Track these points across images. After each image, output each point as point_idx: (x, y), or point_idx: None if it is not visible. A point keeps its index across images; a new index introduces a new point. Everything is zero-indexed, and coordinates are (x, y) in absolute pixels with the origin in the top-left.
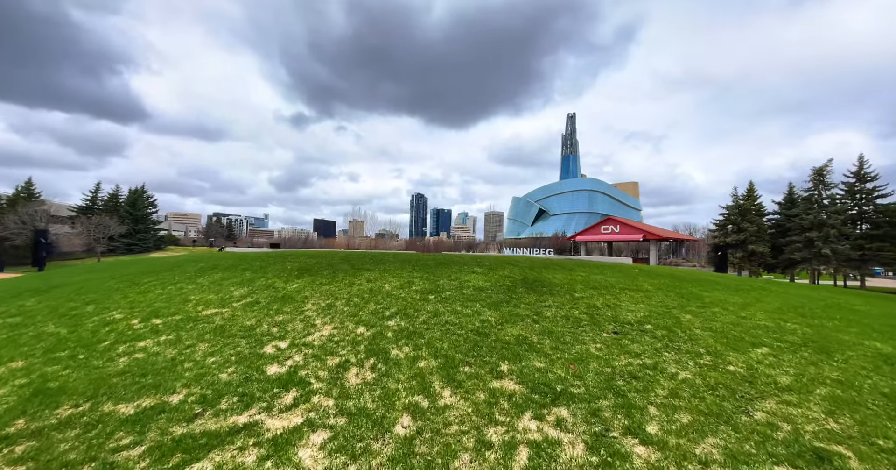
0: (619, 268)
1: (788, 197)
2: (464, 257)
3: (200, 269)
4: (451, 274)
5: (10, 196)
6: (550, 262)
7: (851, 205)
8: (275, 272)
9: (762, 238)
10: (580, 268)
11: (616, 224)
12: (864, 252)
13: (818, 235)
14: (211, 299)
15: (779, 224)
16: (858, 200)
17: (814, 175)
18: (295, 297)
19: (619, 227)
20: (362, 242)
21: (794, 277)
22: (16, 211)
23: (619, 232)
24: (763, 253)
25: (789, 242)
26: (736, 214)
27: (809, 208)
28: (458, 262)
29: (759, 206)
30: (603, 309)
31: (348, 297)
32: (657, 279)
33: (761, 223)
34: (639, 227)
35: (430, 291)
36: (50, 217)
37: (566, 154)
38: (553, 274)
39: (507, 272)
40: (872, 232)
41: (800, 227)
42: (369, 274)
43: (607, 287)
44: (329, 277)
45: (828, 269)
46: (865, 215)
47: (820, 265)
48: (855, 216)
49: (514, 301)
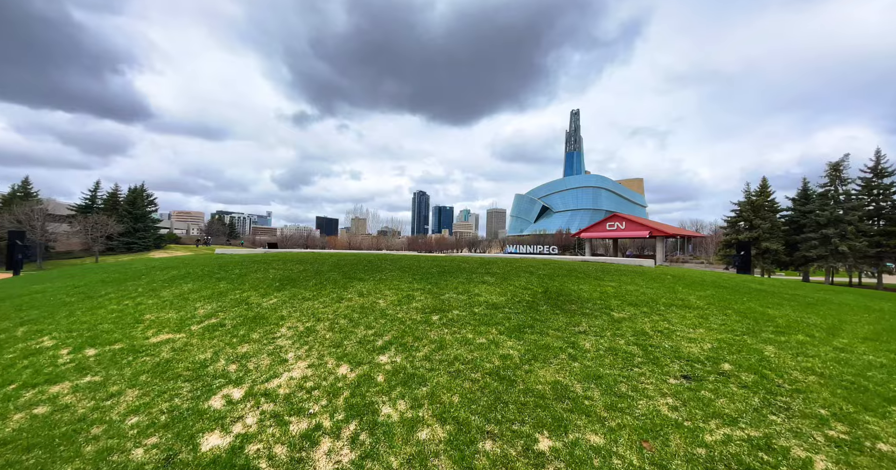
0: (649, 274)
1: (803, 193)
2: (469, 261)
3: (171, 278)
4: (457, 285)
5: (5, 195)
6: (571, 267)
7: (868, 200)
8: (253, 283)
9: (776, 235)
10: (607, 276)
11: (622, 221)
12: (881, 249)
13: (835, 232)
14: (168, 320)
15: (793, 221)
16: (876, 196)
17: (830, 170)
18: (269, 317)
19: (625, 224)
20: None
21: (809, 274)
22: (11, 210)
23: (625, 229)
24: (777, 250)
25: (804, 239)
26: (748, 211)
27: (825, 204)
28: (464, 269)
29: (773, 202)
30: (655, 337)
31: (333, 317)
32: (702, 289)
33: (775, 220)
34: (645, 224)
35: (434, 309)
36: (47, 216)
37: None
38: (578, 284)
39: (523, 282)
40: (890, 228)
41: (815, 223)
42: (362, 285)
43: (648, 303)
44: (315, 289)
45: (843, 266)
46: (883, 211)
47: (836, 262)
48: (872, 212)
49: (538, 325)
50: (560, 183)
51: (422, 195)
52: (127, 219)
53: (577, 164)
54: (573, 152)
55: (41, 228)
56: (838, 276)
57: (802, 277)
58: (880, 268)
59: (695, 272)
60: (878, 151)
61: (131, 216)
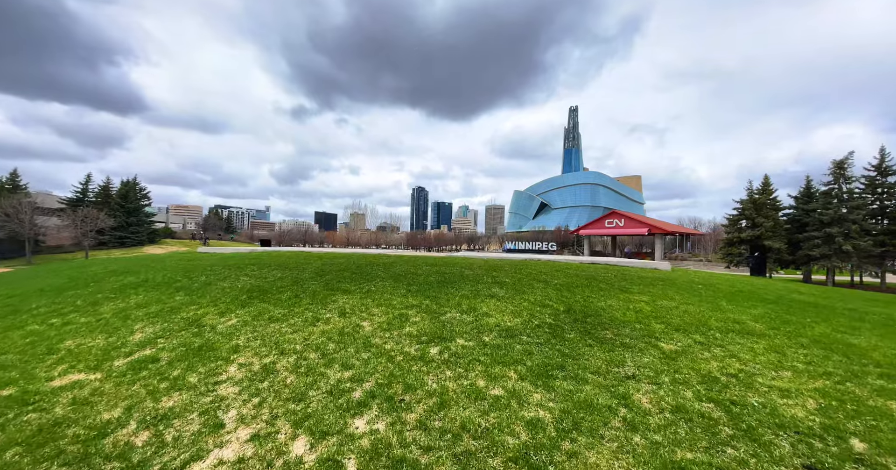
0: (677, 282)
1: (806, 191)
2: (473, 266)
3: (122, 286)
4: (460, 300)
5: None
6: (589, 275)
7: (872, 199)
8: (215, 295)
9: (778, 233)
10: (633, 286)
11: (620, 218)
12: (885, 248)
13: (838, 231)
14: (90, 349)
15: (795, 219)
16: (880, 195)
17: (834, 168)
18: (220, 347)
19: (624, 221)
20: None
21: (811, 274)
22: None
23: (624, 226)
24: (779, 249)
25: (807, 237)
26: (751, 209)
27: (829, 203)
28: (468, 277)
29: (775, 200)
30: (732, 385)
31: (302, 349)
32: (749, 305)
33: (777, 218)
34: (644, 221)
35: (433, 336)
36: (35, 209)
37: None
38: (605, 299)
39: (539, 296)
40: (894, 227)
41: (818, 222)
42: (346, 300)
43: (697, 326)
44: (288, 304)
45: (846, 265)
46: (888, 210)
47: (840, 262)
48: (876, 211)
49: (570, 363)
50: (558, 180)
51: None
52: (119, 213)
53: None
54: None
55: (29, 222)
56: (839, 274)
57: (803, 277)
58: (884, 267)
59: (720, 278)
60: (882, 149)
61: (124, 210)
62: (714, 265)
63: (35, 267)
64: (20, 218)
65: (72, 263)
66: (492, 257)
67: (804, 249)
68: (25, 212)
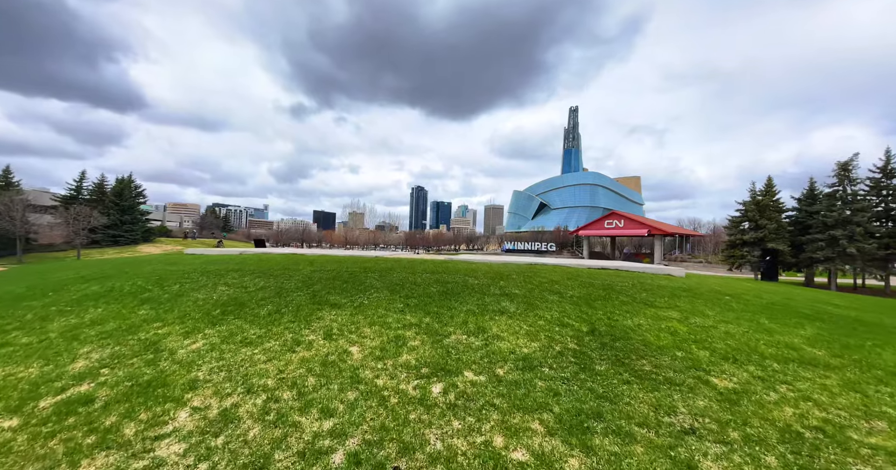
0: (701, 293)
1: (809, 193)
2: (477, 273)
3: (82, 297)
4: (466, 318)
5: None
6: (605, 284)
7: (877, 201)
8: (185, 309)
9: (781, 236)
10: (657, 298)
11: (620, 218)
12: (890, 251)
13: (843, 233)
14: (17, 382)
15: (798, 221)
16: (885, 197)
17: (839, 170)
18: (175, 381)
19: (624, 222)
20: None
21: (814, 276)
22: None
23: (624, 227)
24: (783, 251)
25: (811, 240)
26: (753, 211)
27: (833, 205)
28: (473, 287)
29: (777, 202)
30: (821, 444)
31: (276, 383)
32: (793, 323)
33: (780, 220)
34: (643, 222)
35: (435, 368)
36: (28, 206)
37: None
38: (631, 316)
39: (555, 312)
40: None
41: (822, 224)
42: (334, 316)
43: (745, 352)
44: (266, 322)
45: (850, 268)
46: (892, 213)
47: (844, 265)
48: (881, 213)
49: (608, 408)
50: (558, 180)
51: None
52: (113, 211)
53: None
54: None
55: (21, 220)
56: (841, 277)
57: (805, 280)
58: (888, 270)
59: (741, 286)
60: (888, 151)
61: (118, 208)
62: (714, 267)
63: (10, 269)
64: (11, 215)
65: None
66: (495, 261)
67: (808, 252)
68: (17, 209)
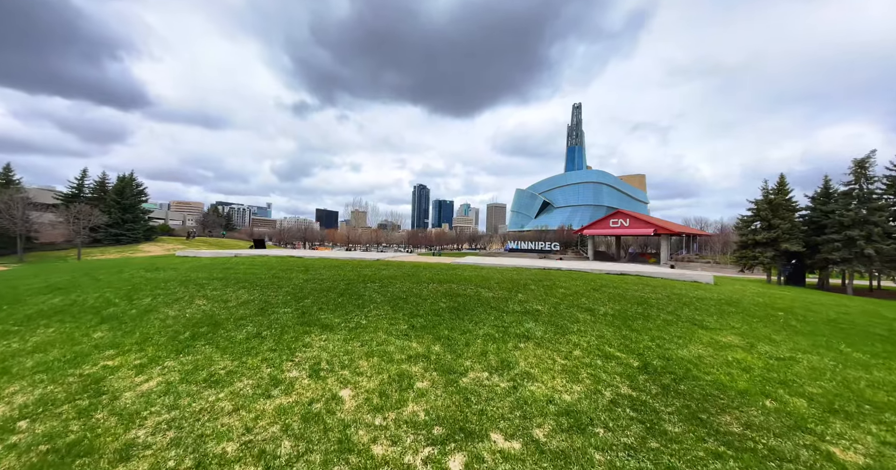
0: (747, 308)
1: (824, 191)
2: (490, 282)
3: (33, 314)
4: (485, 345)
5: None
6: (638, 296)
7: (895, 200)
8: (150, 329)
9: (795, 236)
10: (702, 314)
11: (625, 218)
12: None
13: (860, 234)
14: None
15: (812, 221)
16: None
17: (855, 167)
18: (104, 447)
19: (629, 221)
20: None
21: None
22: None
23: (629, 226)
24: (797, 252)
25: (826, 240)
26: (766, 210)
27: (849, 204)
28: (488, 302)
29: (791, 201)
30: None
31: (237, 452)
32: (889, 354)
33: (794, 220)
34: (649, 221)
35: (451, 426)
36: (28, 205)
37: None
38: (684, 342)
39: (591, 337)
40: None
41: (838, 224)
42: (325, 343)
43: (851, 398)
44: (242, 348)
45: (866, 270)
46: None
47: (860, 266)
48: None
49: None
50: (561, 178)
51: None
52: (115, 209)
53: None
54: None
55: (21, 218)
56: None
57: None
58: None
59: (785, 296)
60: None
61: (119, 206)
62: (722, 267)
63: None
64: (11, 214)
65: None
66: (505, 265)
67: (822, 253)
68: (17, 207)
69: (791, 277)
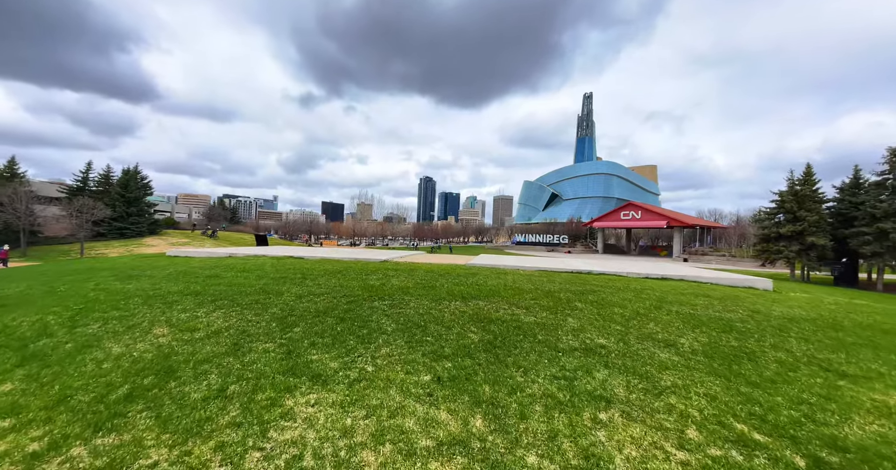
0: (857, 332)
1: (853, 182)
2: (522, 293)
3: None
4: (548, 413)
5: None
6: (722, 321)
7: None
8: (71, 386)
9: (822, 229)
10: (830, 353)
11: (637, 210)
12: None
13: (893, 226)
14: None
15: (840, 213)
16: None
17: (890, 156)
18: None
19: (641, 213)
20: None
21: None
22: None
23: (641, 218)
24: (823, 246)
25: (856, 233)
26: (791, 201)
27: (881, 195)
28: (532, 331)
29: (817, 192)
30: None
31: None
32: None
33: (821, 212)
34: (662, 214)
35: None
36: (32, 198)
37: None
38: (840, 411)
39: (702, 401)
40: None
41: (869, 216)
42: (315, 408)
43: None
44: (190, 422)
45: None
46: None
47: (893, 260)
48: None
49: None
50: (570, 170)
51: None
52: (119, 203)
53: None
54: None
55: (25, 212)
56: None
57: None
58: None
59: (870, 308)
60: None
61: (123, 200)
62: (739, 261)
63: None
64: (15, 207)
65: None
66: (529, 267)
67: (851, 246)
68: (21, 201)
69: (842, 277)
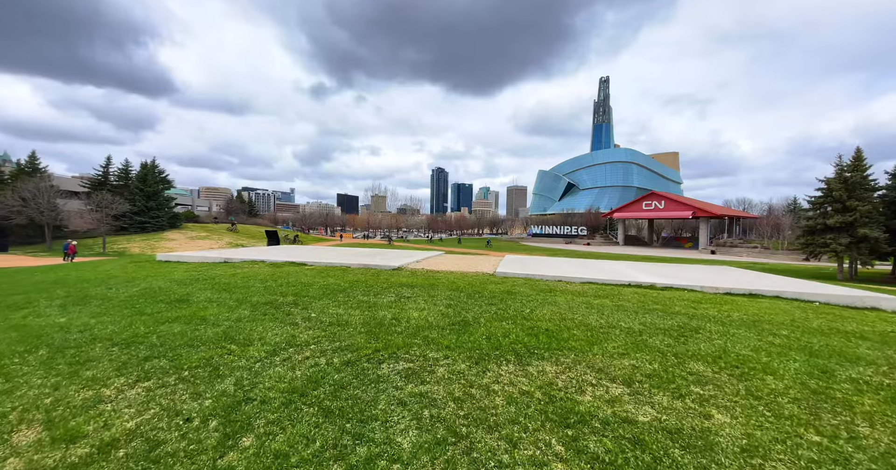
0: None
1: None
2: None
3: None
4: None
5: (12, 171)
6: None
7: None
8: None
9: (875, 220)
10: None
11: (660, 199)
12: None
13: None
14: None
15: (893, 202)
16: None
17: None
18: None
19: (664, 203)
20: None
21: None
22: (15, 186)
23: (664, 208)
24: (877, 238)
25: None
26: (840, 190)
27: None
28: (677, 464)
29: (868, 178)
30: None
31: None
32: None
33: (873, 201)
34: (687, 203)
35: None
36: (54, 192)
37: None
38: None
39: None
40: None
41: None
42: None
43: None
44: None
45: None
46: None
47: None
48: None
49: None
50: (587, 158)
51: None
52: (138, 197)
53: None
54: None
55: (48, 207)
56: None
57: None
58: None
59: None
60: None
61: (143, 194)
62: (773, 254)
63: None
64: (38, 202)
65: None
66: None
67: None
68: (43, 196)
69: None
